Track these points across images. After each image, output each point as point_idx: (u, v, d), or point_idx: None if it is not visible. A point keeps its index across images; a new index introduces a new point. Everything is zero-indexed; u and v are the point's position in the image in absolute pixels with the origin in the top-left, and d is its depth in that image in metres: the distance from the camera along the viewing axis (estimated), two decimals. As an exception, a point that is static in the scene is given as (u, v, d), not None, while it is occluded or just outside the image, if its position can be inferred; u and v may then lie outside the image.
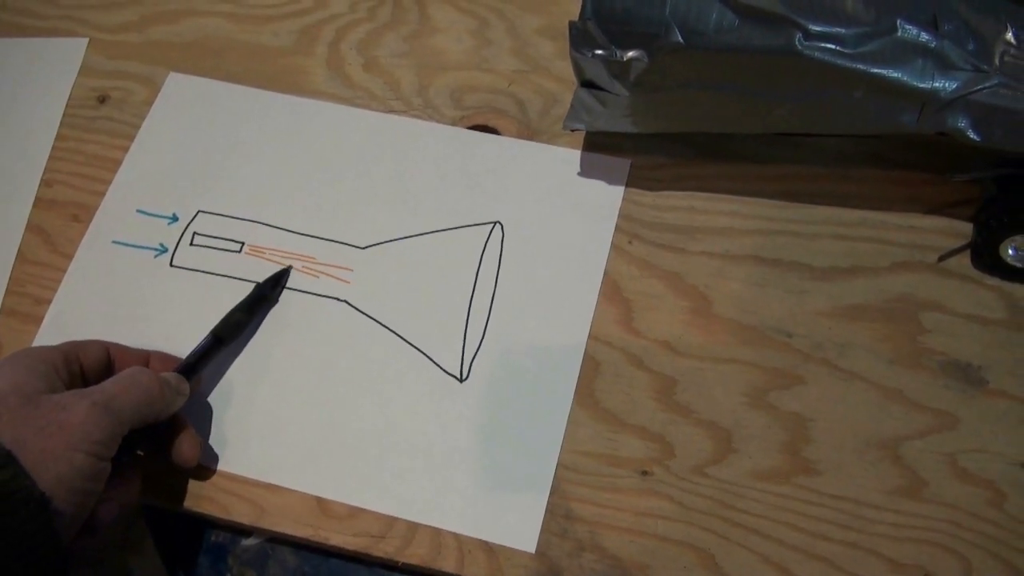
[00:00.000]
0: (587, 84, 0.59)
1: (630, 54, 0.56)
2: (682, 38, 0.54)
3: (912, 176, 0.63)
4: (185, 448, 0.56)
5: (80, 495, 0.48)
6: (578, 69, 0.58)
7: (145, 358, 0.58)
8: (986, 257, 0.59)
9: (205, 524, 0.60)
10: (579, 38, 0.56)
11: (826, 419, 0.57)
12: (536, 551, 0.55)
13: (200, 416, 0.60)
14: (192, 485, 0.59)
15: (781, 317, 0.60)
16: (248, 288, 0.63)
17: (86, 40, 0.75)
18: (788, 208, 0.63)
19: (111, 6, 0.76)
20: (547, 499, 0.56)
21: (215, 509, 0.58)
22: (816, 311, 0.60)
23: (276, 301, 0.63)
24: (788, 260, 0.61)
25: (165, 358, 0.59)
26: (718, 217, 0.63)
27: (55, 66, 0.74)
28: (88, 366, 0.55)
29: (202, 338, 0.59)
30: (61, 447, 0.48)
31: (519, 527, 0.56)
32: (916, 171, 0.62)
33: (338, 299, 0.62)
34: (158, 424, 0.55)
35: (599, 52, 0.56)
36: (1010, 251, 0.58)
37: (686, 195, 0.64)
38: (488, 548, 0.55)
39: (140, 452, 0.57)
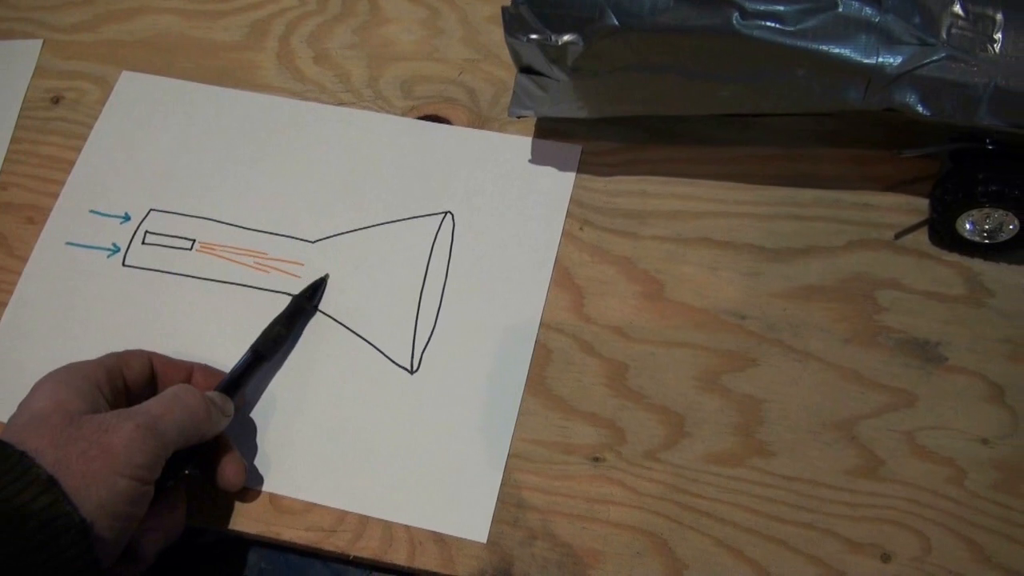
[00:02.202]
0: (526, 70, 0.58)
1: (565, 38, 0.55)
2: (617, 20, 0.54)
3: (867, 154, 0.62)
4: (229, 471, 0.55)
5: (122, 520, 0.47)
6: (515, 55, 0.58)
7: (188, 370, 0.57)
8: (943, 233, 0.59)
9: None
10: (513, 23, 0.56)
11: (780, 400, 0.57)
12: (488, 541, 0.55)
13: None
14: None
15: (734, 300, 0.60)
16: (200, 286, 0.63)
17: (40, 41, 0.75)
18: (741, 190, 0.63)
19: (65, 6, 0.76)
20: (499, 489, 0.56)
21: (168, 508, 0.58)
22: (770, 292, 0.60)
23: (314, 312, 0.62)
24: (741, 242, 0.61)
25: (208, 372, 0.57)
26: (670, 201, 0.63)
27: (10, 68, 0.74)
28: (131, 380, 0.54)
29: (242, 354, 0.58)
30: (104, 471, 0.46)
31: (470, 517, 0.55)
32: (871, 149, 0.62)
33: (288, 294, 0.62)
34: (201, 445, 0.53)
35: (534, 37, 0.56)
36: (967, 226, 0.58)
37: (638, 179, 0.64)
38: (440, 539, 0.55)
39: (186, 472, 0.55)
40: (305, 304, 0.61)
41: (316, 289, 0.61)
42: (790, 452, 0.56)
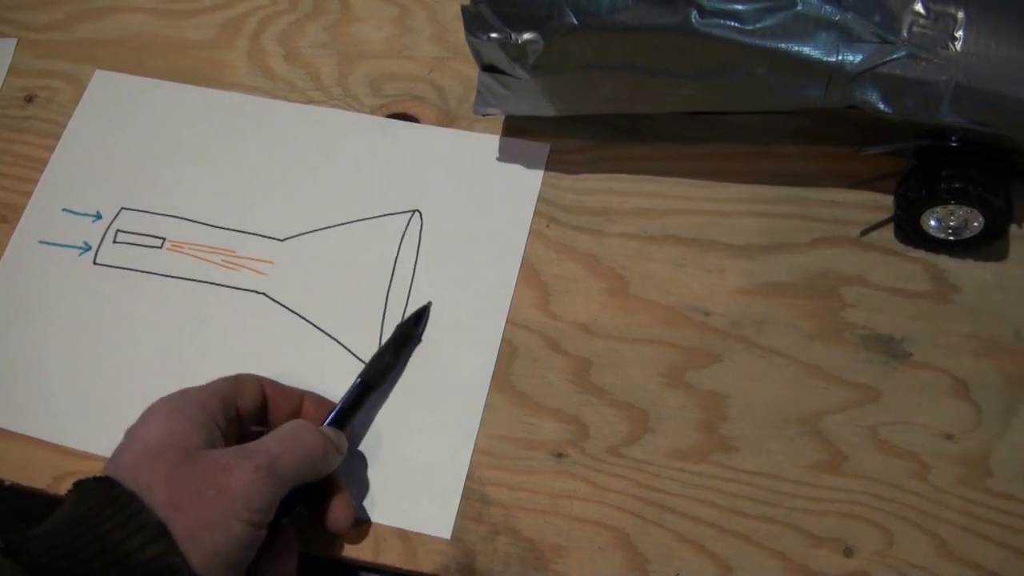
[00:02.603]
0: (489, 68, 0.59)
1: (525, 36, 0.56)
2: (576, 19, 0.54)
3: (833, 151, 0.62)
4: (338, 511, 0.52)
5: (234, 567, 0.45)
6: (476, 53, 0.58)
7: (299, 399, 0.55)
8: (908, 229, 0.59)
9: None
10: (473, 21, 0.56)
11: (744, 396, 0.57)
12: (452, 537, 0.55)
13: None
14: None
15: (699, 296, 0.60)
16: (169, 284, 0.63)
17: (14, 40, 0.75)
18: (707, 187, 0.63)
19: (39, 5, 0.76)
20: (463, 485, 0.56)
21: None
22: (735, 289, 0.60)
23: (420, 339, 0.61)
24: (706, 239, 0.61)
25: (317, 401, 0.56)
26: (636, 198, 0.63)
27: (-16, 68, 0.74)
28: (245, 409, 0.52)
29: (349, 386, 0.57)
30: (219, 514, 0.44)
31: (434, 514, 0.56)
32: (838, 146, 0.62)
33: (256, 292, 0.62)
34: (314, 482, 0.51)
35: (494, 36, 0.56)
36: (932, 222, 0.58)
37: (605, 177, 0.64)
38: (403, 535, 0.55)
39: (297, 510, 0.52)
40: (412, 331, 0.60)
41: (420, 316, 0.61)
42: (753, 447, 0.56)
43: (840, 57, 0.53)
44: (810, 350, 0.58)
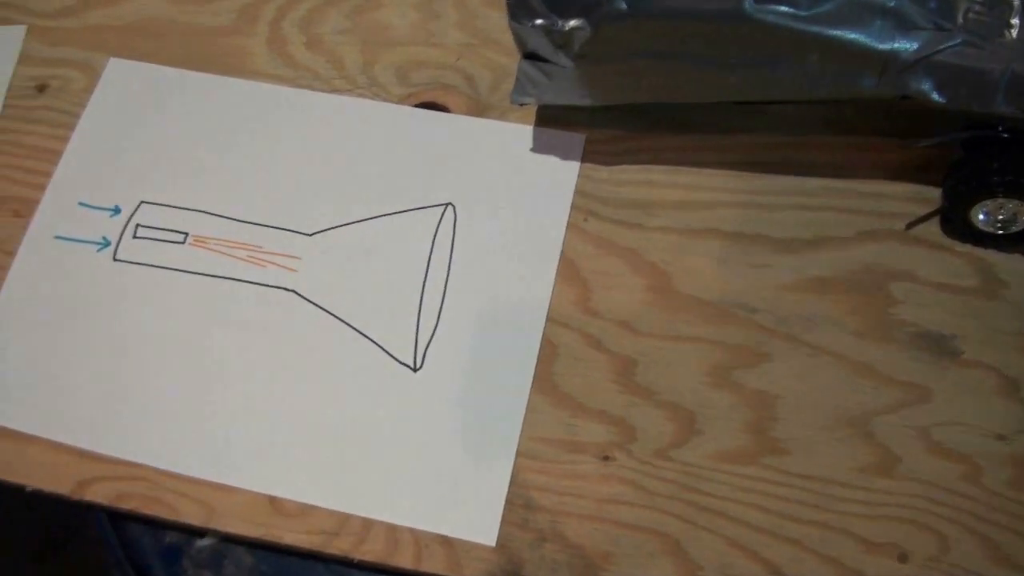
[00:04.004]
0: (530, 56, 0.57)
1: (572, 23, 0.54)
2: (626, 5, 0.52)
3: (875, 142, 0.61)
4: None
5: None
6: (519, 41, 0.56)
7: None
8: (956, 223, 0.58)
9: (158, 525, 0.58)
10: (518, 8, 0.54)
11: (793, 396, 0.56)
12: (496, 543, 0.54)
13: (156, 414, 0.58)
14: (141, 486, 0.57)
15: (744, 292, 0.58)
16: (194, 281, 0.61)
17: (24, 27, 0.73)
18: (748, 179, 0.61)
19: (49, -9, 0.74)
20: (507, 489, 0.54)
21: (164, 511, 0.56)
22: (780, 285, 0.58)
23: None
24: (750, 233, 0.60)
25: None
26: (676, 190, 0.61)
27: (-7, 56, 0.72)
28: None
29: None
30: None
31: (478, 519, 0.54)
32: (878, 136, 0.61)
33: (285, 289, 0.60)
34: None
35: (539, 22, 0.54)
36: (980, 216, 0.56)
37: (643, 168, 0.62)
38: (446, 542, 0.54)
39: None
40: None
41: None
42: (804, 450, 0.54)
43: (895, 45, 0.51)
44: (859, 348, 0.56)
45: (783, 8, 0.51)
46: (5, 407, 0.59)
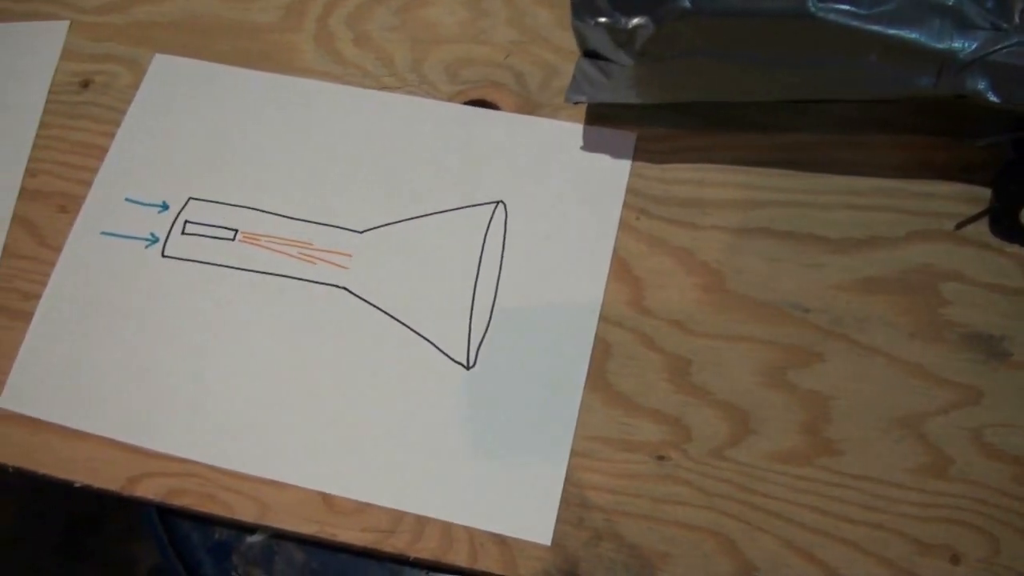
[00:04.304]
0: (590, 54, 0.57)
1: (635, 21, 0.54)
2: (689, 3, 0.52)
3: (923, 140, 0.61)
4: None
5: None
6: (581, 39, 0.56)
7: None
8: (1005, 223, 0.58)
9: (207, 521, 0.58)
10: (581, 6, 0.54)
11: (847, 397, 0.55)
12: (552, 542, 0.53)
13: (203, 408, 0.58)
14: (193, 483, 0.57)
15: (797, 292, 0.58)
16: (244, 278, 0.61)
17: (67, 23, 0.73)
18: (798, 178, 0.61)
19: (93, -14, 0.74)
20: (561, 488, 0.54)
21: (217, 507, 0.56)
22: (833, 284, 0.58)
23: None
24: (802, 232, 0.59)
25: None
26: (727, 189, 0.61)
27: (36, 51, 0.72)
28: None
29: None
30: None
31: (533, 518, 0.54)
32: (926, 135, 0.60)
33: (337, 286, 0.60)
34: None
35: (602, 20, 0.54)
36: (1031, 216, 0.56)
37: (693, 167, 0.62)
38: (501, 541, 0.54)
39: None
40: None
41: None
42: (858, 450, 0.54)
43: (952, 44, 0.51)
44: (911, 349, 0.56)
45: (845, 7, 0.51)
46: (54, 403, 0.59)
